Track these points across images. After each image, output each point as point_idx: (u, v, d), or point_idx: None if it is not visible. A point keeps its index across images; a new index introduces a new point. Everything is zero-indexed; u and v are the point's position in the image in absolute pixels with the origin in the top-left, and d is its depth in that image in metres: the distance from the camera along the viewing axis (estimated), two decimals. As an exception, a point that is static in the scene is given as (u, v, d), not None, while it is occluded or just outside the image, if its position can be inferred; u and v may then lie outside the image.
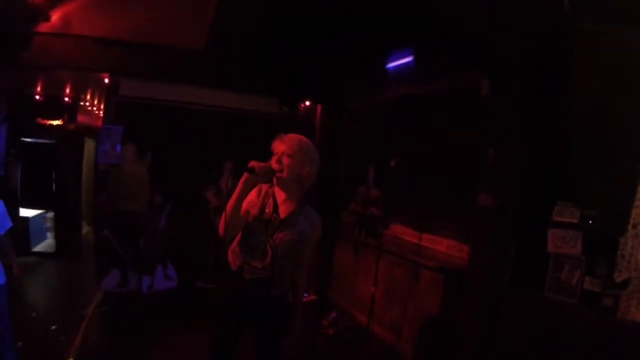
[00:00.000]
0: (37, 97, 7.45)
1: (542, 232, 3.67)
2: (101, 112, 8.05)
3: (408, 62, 5.40)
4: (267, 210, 3.00)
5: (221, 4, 5.20)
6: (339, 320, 6.07)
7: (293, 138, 3.01)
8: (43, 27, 5.96)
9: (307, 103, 8.24)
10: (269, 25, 5.36)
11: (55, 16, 5.92)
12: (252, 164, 2.84)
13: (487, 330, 4.02)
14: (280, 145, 2.98)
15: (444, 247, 5.37)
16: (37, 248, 8.78)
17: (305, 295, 6.27)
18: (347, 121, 7.45)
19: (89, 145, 8.84)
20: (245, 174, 2.85)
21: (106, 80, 7.37)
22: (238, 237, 3.08)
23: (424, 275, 5.37)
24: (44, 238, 9.07)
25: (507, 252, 3.94)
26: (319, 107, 7.81)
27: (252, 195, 3.04)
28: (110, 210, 7.18)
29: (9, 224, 4.23)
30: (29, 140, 8.69)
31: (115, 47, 6.37)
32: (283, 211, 3.01)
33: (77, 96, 7.81)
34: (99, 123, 8.08)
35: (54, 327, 5.39)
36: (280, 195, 3.04)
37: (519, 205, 3.95)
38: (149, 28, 6.12)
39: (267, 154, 3.05)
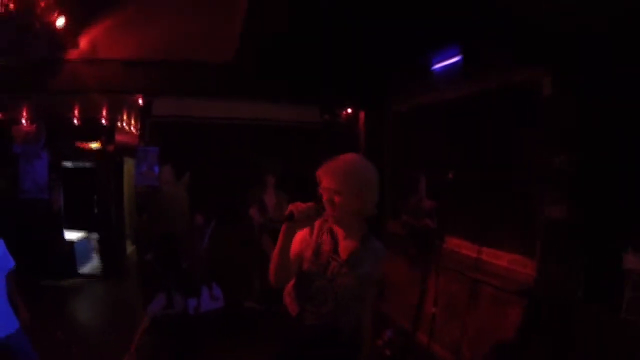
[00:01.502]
0: (75, 121, 7.46)
1: (615, 247, 3.33)
2: (138, 131, 7.99)
3: (456, 62, 5.10)
4: (324, 250, 2.60)
5: (250, 14, 5.04)
6: (394, 340, 5.76)
7: (339, 168, 2.51)
8: (72, 54, 5.96)
9: (349, 110, 7.97)
10: (303, 30, 5.17)
11: (83, 42, 5.93)
12: (291, 208, 2.41)
13: (556, 353, 3.70)
14: (326, 179, 2.52)
15: (505, 261, 4.89)
16: (84, 270, 8.90)
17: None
18: (392, 127, 7.14)
19: (129, 165, 8.89)
20: (285, 224, 2.45)
21: (140, 101, 7.29)
22: (292, 281, 2.73)
23: (483, 292, 4.96)
24: (89, 260, 9.14)
25: (578, 268, 3.62)
26: (361, 114, 7.54)
27: (304, 233, 2.66)
28: (151, 232, 7.14)
29: (12, 263, 3.90)
30: (69, 164, 8.80)
31: (143, 68, 6.41)
32: (344, 250, 2.59)
33: (113, 118, 7.83)
34: (136, 141, 8.04)
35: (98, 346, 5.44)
36: (339, 232, 2.63)
37: (590, 217, 3.62)
38: (175, 45, 6.13)
39: (309, 166, 2.78)
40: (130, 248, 9.28)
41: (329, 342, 2.64)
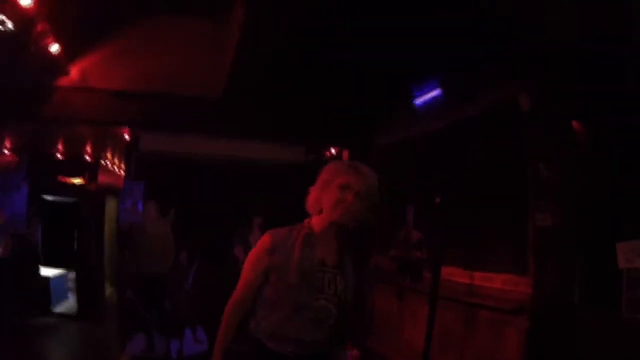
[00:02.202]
0: (58, 155, 7.36)
1: (607, 248, 3.37)
2: (122, 171, 7.98)
3: (436, 95, 5.26)
4: (311, 263, 2.31)
5: (239, 52, 5.11)
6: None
7: (359, 167, 2.39)
8: (62, 81, 5.94)
9: (333, 150, 8.02)
10: (290, 71, 5.25)
11: (74, 70, 5.94)
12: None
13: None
14: (346, 177, 2.35)
15: (499, 283, 4.91)
16: (58, 309, 8.56)
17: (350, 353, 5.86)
18: (377, 162, 7.19)
19: (111, 204, 8.75)
20: None
21: (126, 136, 7.28)
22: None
23: (480, 316, 4.89)
24: (65, 298, 8.86)
25: (573, 273, 3.67)
26: (345, 152, 7.59)
27: (261, 250, 2.40)
28: (133, 270, 6.93)
29: None
30: (50, 198, 8.62)
31: (132, 99, 6.40)
32: (328, 257, 2.35)
33: (97, 154, 7.77)
34: (120, 182, 7.96)
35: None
36: (319, 240, 2.36)
37: (579, 222, 3.71)
38: (166, 78, 6.18)
39: (294, 205, 2.72)
40: (109, 289, 9.00)
41: None
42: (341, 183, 2.28)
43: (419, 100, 5.56)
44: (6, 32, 4.38)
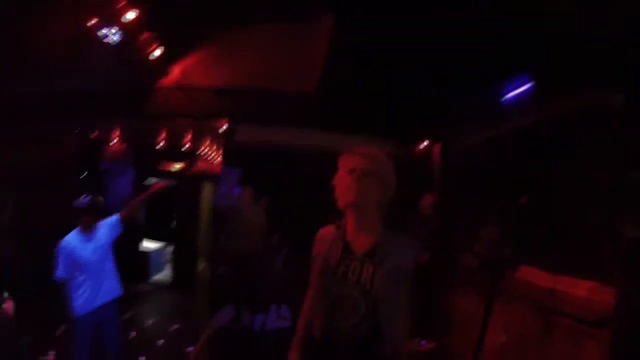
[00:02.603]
0: (160, 144, 7.94)
1: None
2: (218, 159, 8.40)
3: (526, 90, 5.07)
4: (334, 252, 2.40)
5: (332, 49, 5.23)
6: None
7: (363, 150, 2.48)
8: (165, 81, 6.42)
9: (425, 143, 8.02)
10: (383, 63, 5.30)
11: (175, 71, 6.37)
12: None
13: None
14: (351, 161, 2.47)
15: (584, 290, 4.51)
16: (155, 278, 9.47)
17: (424, 342, 6.04)
18: (465, 158, 7.16)
19: (207, 188, 9.31)
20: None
21: (223, 127, 7.68)
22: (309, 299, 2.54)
23: (559, 324, 4.60)
24: (162, 270, 9.69)
25: None
26: (436, 146, 7.60)
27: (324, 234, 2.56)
28: (227, 249, 7.39)
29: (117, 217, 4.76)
30: (153, 181, 9.38)
31: (230, 96, 6.71)
32: (361, 246, 2.37)
33: (196, 143, 8.26)
34: (216, 168, 8.44)
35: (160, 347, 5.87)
36: (352, 229, 2.43)
37: None
38: (261, 76, 6.41)
39: None
40: (202, 264, 9.69)
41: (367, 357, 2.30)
42: (348, 168, 2.40)
43: (509, 95, 5.41)
44: (115, 42, 4.94)
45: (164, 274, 9.62)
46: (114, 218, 4.68)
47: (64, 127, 8.03)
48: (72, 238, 4.36)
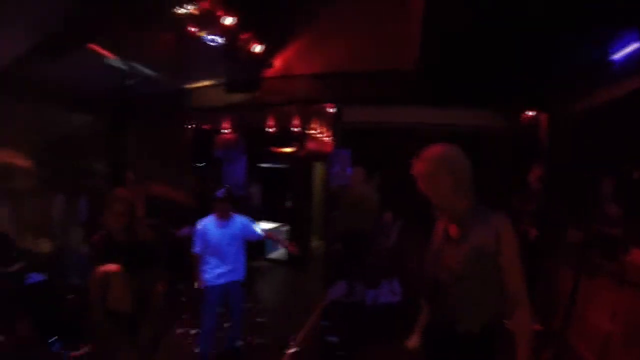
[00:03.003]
0: (270, 129, 8.25)
1: None
2: (328, 138, 8.56)
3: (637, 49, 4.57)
4: (437, 241, 2.62)
5: (426, 24, 5.17)
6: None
7: (418, 160, 2.58)
8: (268, 73, 6.67)
9: (531, 113, 7.63)
10: (481, 34, 5.11)
11: (277, 61, 6.59)
12: None
13: None
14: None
15: None
16: (271, 255, 10.07)
17: None
18: (573, 129, 6.72)
19: (319, 168, 9.57)
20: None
21: (330, 110, 7.81)
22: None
23: None
24: (277, 248, 10.17)
25: None
26: (543, 117, 7.22)
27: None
28: (341, 226, 7.62)
29: (258, 233, 5.44)
30: (265, 165, 9.83)
31: (331, 80, 6.82)
32: (455, 231, 2.51)
33: (304, 126, 8.48)
34: (326, 148, 8.63)
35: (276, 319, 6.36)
36: (448, 218, 2.59)
37: None
38: (358, 57, 6.44)
39: (492, 171, 2.78)
40: (316, 242, 10.04)
41: (451, 332, 2.42)
42: (414, 176, 2.59)
43: (617, 56, 4.94)
44: (219, 45, 5.26)
45: (280, 252, 10.10)
46: (259, 232, 5.41)
47: (181, 121, 8.69)
48: (207, 221, 5.03)
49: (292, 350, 5.38)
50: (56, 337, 5.05)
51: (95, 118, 8.14)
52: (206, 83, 7.27)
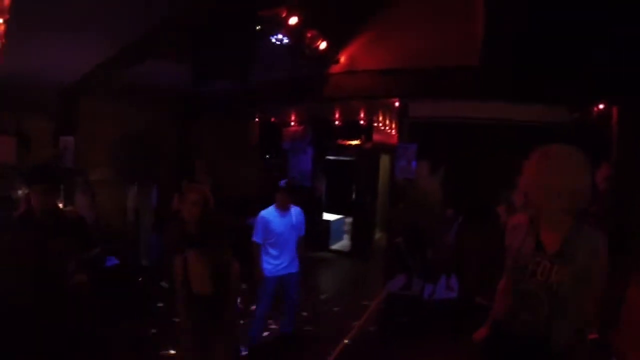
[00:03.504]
0: (337, 122, 8.50)
1: None
2: (394, 131, 8.70)
3: None
4: (527, 248, 2.41)
5: (488, 19, 5.21)
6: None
7: (531, 160, 2.39)
8: (334, 69, 6.91)
9: (601, 106, 7.42)
10: (546, 26, 5.10)
11: (343, 57, 6.82)
12: None
13: None
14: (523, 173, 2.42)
15: None
16: (334, 246, 10.28)
17: None
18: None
19: (384, 161, 9.73)
20: None
21: (396, 104, 7.95)
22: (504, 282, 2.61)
23: None
24: (341, 239, 10.45)
25: None
26: (614, 110, 7.04)
27: (516, 223, 2.59)
28: (404, 220, 7.72)
29: (303, 232, 5.47)
30: (331, 158, 10.10)
31: (396, 75, 6.94)
32: (551, 245, 2.33)
33: (370, 119, 8.66)
34: (392, 140, 8.73)
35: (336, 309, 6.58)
36: (543, 227, 2.40)
37: None
38: (422, 53, 6.55)
39: None
40: (378, 234, 10.18)
41: (539, 355, 2.34)
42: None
43: None
44: (286, 43, 5.55)
45: (342, 243, 10.35)
46: (303, 229, 5.48)
47: (251, 115, 9.12)
48: (269, 211, 5.22)
49: (348, 340, 5.57)
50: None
51: (167, 114, 8.81)
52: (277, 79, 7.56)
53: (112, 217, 7.74)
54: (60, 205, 4.86)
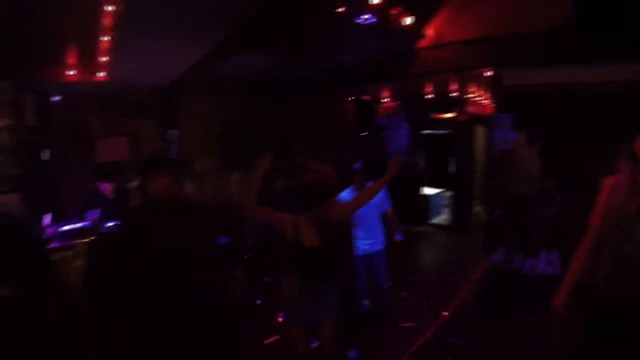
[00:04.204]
0: (429, 96, 8.53)
1: None
2: (488, 101, 8.61)
3: None
4: (629, 212, 2.39)
5: None
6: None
7: None
8: (422, 43, 7.00)
9: None
10: None
11: (430, 31, 6.88)
12: None
13: None
14: None
15: None
16: (434, 221, 10.38)
17: None
18: None
19: (479, 132, 9.62)
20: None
21: (488, 74, 7.87)
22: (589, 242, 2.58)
23: None
24: (440, 213, 10.52)
25: None
26: None
27: (614, 183, 2.58)
28: (503, 192, 7.64)
29: (388, 206, 5.57)
30: (427, 132, 10.16)
31: (485, 44, 6.91)
32: None
33: (463, 91, 8.59)
34: (487, 111, 8.66)
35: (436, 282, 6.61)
36: None
37: None
38: (513, 18, 6.48)
39: None
40: (477, 207, 10.12)
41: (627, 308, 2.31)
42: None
43: None
44: (372, 22, 5.75)
45: (442, 217, 10.42)
46: (387, 204, 5.59)
47: (343, 94, 9.40)
48: (346, 193, 5.36)
49: (447, 313, 5.67)
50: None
51: (259, 102, 9.46)
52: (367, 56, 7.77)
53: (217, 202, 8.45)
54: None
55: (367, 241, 5.39)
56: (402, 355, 4.80)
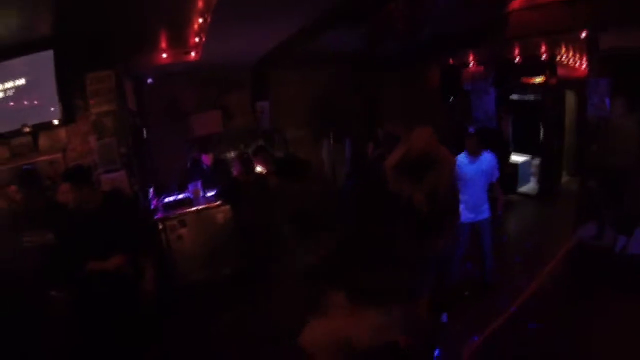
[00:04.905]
0: (518, 59, 8.27)
1: None
2: (580, 64, 8.23)
3: None
4: None
5: None
6: None
7: None
8: (514, 4, 6.76)
9: None
10: None
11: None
12: None
13: None
14: None
15: None
16: (522, 189, 10.12)
17: None
18: None
19: (569, 98, 9.24)
20: None
21: (583, 35, 7.50)
22: None
23: None
24: (528, 181, 10.25)
25: None
26: None
27: None
28: (599, 163, 7.35)
29: (498, 174, 5.68)
30: (515, 97, 9.85)
31: (583, 4, 6.56)
32: None
33: (553, 53, 8.26)
34: (578, 74, 8.29)
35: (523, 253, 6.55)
36: None
37: None
38: None
39: None
40: (565, 177, 9.80)
41: None
42: None
43: None
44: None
45: (530, 186, 10.15)
46: (497, 174, 5.71)
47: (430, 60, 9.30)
48: (460, 157, 5.48)
49: (535, 287, 5.61)
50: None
51: (348, 75, 9.69)
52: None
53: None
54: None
55: (472, 210, 5.46)
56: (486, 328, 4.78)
